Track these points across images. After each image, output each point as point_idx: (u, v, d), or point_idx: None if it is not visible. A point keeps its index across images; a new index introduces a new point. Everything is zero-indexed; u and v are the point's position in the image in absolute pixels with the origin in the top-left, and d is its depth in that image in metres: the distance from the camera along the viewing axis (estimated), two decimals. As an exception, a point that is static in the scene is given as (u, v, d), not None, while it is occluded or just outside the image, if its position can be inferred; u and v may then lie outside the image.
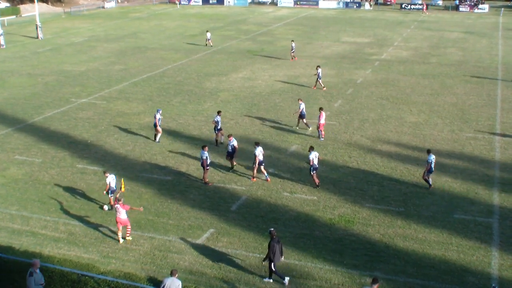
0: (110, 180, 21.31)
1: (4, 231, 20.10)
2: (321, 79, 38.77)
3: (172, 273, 14.65)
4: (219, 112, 28.31)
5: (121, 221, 18.98)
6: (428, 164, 22.76)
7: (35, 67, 47.24)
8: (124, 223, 19.09)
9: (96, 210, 21.60)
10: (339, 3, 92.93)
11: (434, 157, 22.88)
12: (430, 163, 22.69)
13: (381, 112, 33.71)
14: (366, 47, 55.71)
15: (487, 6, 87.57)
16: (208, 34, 56.56)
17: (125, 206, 19.08)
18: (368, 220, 20.69)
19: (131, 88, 39.95)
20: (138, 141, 28.98)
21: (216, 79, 42.25)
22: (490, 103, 35.58)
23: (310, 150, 23.34)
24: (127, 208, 19.11)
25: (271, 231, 16.80)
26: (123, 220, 18.98)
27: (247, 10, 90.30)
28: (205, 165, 23.39)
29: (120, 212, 18.86)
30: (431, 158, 22.74)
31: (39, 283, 14.57)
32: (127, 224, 19.21)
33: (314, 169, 23.26)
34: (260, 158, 23.66)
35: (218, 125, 27.79)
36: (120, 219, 18.92)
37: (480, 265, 17.88)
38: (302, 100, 30.72)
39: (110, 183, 21.30)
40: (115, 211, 19.08)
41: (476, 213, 21.27)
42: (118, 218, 18.95)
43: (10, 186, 23.83)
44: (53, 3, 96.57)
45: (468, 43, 58.18)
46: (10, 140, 29.46)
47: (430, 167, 22.73)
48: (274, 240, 16.60)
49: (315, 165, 23.19)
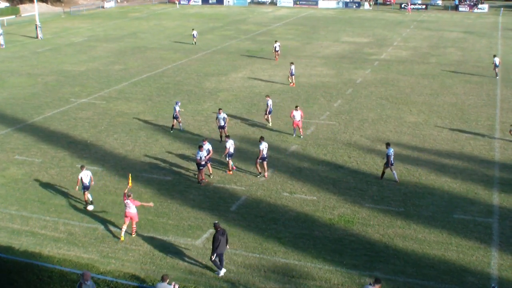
0: (82, 175, 21.32)
1: (4, 231, 20.10)
2: (294, 75, 39.62)
3: (163, 278, 14.31)
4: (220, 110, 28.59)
5: (131, 215, 19.10)
6: (388, 158, 23.44)
7: (35, 67, 47.23)
8: (134, 217, 19.19)
9: (96, 210, 21.59)
10: (338, 3, 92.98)
11: (393, 150, 23.66)
12: (389, 156, 23.37)
13: (381, 112, 33.72)
14: (365, 47, 55.74)
15: (486, 6, 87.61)
16: (195, 32, 57.77)
17: (135, 202, 19.24)
18: (368, 220, 20.70)
19: (130, 88, 39.95)
20: (138, 141, 28.98)
21: (215, 79, 42.25)
22: (489, 103, 35.60)
23: (261, 140, 24.18)
24: (138, 204, 19.27)
25: (215, 224, 17.23)
26: (132, 214, 19.11)
27: (246, 10, 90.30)
28: (200, 165, 23.54)
29: (130, 206, 19.00)
30: (390, 151, 23.41)
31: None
32: (135, 219, 19.30)
33: (229, 156, 24.44)
34: (264, 154, 23.94)
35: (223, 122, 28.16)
36: (130, 213, 19.06)
37: (479, 265, 17.88)
38: (269, 96, 31.21)
39: (82, 178, 21.29)
40: (125, 206, 19.18)
41: (476, 213, 21.28)
42: (128, 213, 19.07)
43: (10, 186, 23.82)
44: (52, 3, 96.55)
45: (467, 43, 58.21)
46: (10, 140, 29.46)
47: (389, 160, 23.40)
48: (219, 233, 16.97)
49: (230, 152, 24.34)
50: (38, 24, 62.41)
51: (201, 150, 23.36)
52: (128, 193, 19.39)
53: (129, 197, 19.15)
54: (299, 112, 28.69)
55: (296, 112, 28.66)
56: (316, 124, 31.59)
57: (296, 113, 28.66)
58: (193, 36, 57.52)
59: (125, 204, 19.21)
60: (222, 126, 28.02)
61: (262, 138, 24.42)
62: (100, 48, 56.00)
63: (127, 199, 19.11)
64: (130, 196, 19.21)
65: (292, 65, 39.58)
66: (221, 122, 27.89)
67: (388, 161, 23.55)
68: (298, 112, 28.68)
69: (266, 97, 31.19)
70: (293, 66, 39.44)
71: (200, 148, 23.43)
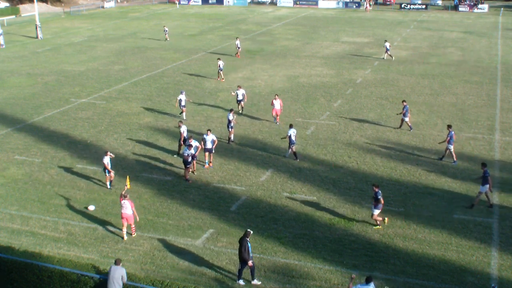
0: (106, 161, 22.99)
1: (4, 231, 20.11)
2: (222, 71, 41.26)
3: (116, 262, 14.88)
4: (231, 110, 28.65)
5: (127, 216, 19.11)
6: (287, 136, 25.81)
7: (35, 67, 47.22)
8: (129, 218, 19.19)
9: (96, 210, 21.60)
10: (338, 3, 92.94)
11: (294, 130, 25.94)
12: (289, 136, 25.68)
13: (381, 112, 33.72)
14: (365, 47, 55.73)
15: (486, 6, 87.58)
16: (166, 28, 60.03)
17: (131, 203, 19.28)
18: (368, 220, 20.70)
19: (130, 88, 39.94)
20: (138, 141, 28.98)
21: (215, 79, 42.23)
22: (489, 103, 35.60)
23: (207, 132, 25.17)
24: (133, 205, 19.30)
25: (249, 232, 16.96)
26: (128, 215, 19.12)
27: (246, 10, 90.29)
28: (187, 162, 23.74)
29: (126, 207, 18.99)
30: (290, 131, 25.67)
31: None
32: (132, 220, 19.30)
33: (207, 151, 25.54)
34: (293, 139, 25.88)
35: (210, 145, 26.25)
36: (126, 214, 19.07)
37: (479, 265, 17.89)
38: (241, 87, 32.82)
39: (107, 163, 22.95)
40: (121, 207, 19.17)
41: (476, 213, 21.27)
42: (124, 214, 19.09)
43: (10, 186, 23.82)
44: (52, 3, 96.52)
45: (467, 43, 58.20)
46: (10, 140, 29.45)
47: (290, 139, 25.74)
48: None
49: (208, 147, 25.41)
50: (38, 24, 62.39)
51: (189, 149, 23.73)
52: (125, 193, 19.40)
53: (125, 197, 19.14)
54: (278, 101, 31.05)
55: (276, 101, 30.99)
56: (316, 124, 31.60)
57: (276, 102, 30.99)
58: (165, 32, 59.55)
59: (121, 204, 19.20)
60: (210, 149, 25.46)
61: (291, 125, 26.35)
62: (100, 48, 55.99)
63: (124, 199, 19.13)
64: (127, 196, 19.20)
65: (219, 61, 41.34)
66: (208, 145, 25.32)
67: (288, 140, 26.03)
68: (278, 101, 31.04)
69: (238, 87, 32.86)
70: (220, 62, 41.20)
71: (188, 147, 23.74)
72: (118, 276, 14.60)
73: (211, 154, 25.63)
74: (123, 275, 14.66)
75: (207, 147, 25.27)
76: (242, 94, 32.21)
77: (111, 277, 14.59)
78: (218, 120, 32.02)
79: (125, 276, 14.71)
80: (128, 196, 19.32)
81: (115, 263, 14.88)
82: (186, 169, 24.00)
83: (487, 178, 21.14)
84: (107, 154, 23.19)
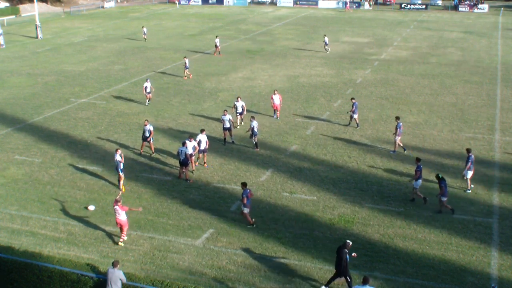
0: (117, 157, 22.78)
1: (4, 231, 20.11)
2: (188, 69, 42.37)
3: (113, 264, 14.82)
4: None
5: (121, 222, 18.94)
6: (250, 128, 26.87)
7: (35, 67, 47.22)
8: (124, 224, 19.02)
9: (96, 210, 21.59)
10: (338, 3, 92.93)
11: (256, 122, 26.97)
12: (252, 128, 26.72)
13: (381, 112, 33.72)
14: (365, 47, 55.73)
15: (486, 6, 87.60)
16: (145, 29, 60.41)
17: (124, 207, 18.98)
18: (368, 220, 20.70)
19: (130, 88, 39.94)
20: (138, 141, 28.96)
21: (215, 79, 42.25)
22: (489, 103, 35.60)
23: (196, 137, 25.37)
24: (126, 209, 19.02)
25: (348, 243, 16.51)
26: (122, 222, 18.94)
27: (246, 10, 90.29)
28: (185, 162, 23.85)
29: (119, 213, 18.82)
30: (253, 123, 26.69)
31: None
32: (125, 226, 19.09)
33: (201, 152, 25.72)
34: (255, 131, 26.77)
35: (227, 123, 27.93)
36: (120, 220, 18.89)
37: (479, 265, 17.89)
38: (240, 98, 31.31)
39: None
40: (115, 212, 19.03)
41: (476, 213, 21.28)
42: (118, 219, 18.92)
43: (10, 186, 23.82)
44: (52, 3, 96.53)
45: (467, 43, 58.21)
46: (10, 140, 29.45)
47: (253, 131, 26.79)
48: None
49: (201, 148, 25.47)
50: (38, 24, 62.40)
51: (185, 145, 23.81)
52: (118, 198, 19.07)
53: (118, 202, 18.81)
54: (277, 96, 32.03)
55: (275, 96, 31.99)
56: (316, 124, 31.60)
57: (275, 97, 31.97)
58: (143, 33, 59.96)
59: (114, 210, 18.94)
60: (203, 150, 25.48)
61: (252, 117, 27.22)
62: (100, 48, 55.99)
63: (116, 204, 18.81)
64: (119, 202, 18.87)
65: (186, 59, 42.65)
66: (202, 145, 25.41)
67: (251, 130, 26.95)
68: (277, 96, 32.04)
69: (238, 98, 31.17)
70: (187, 60, 42.54)
71: (183, 144, 23.87)
72: (116, 278, 14.55)
73: (205, 154, 25.61)
74: (122, 277, 14.61)
75: (200, 148, 25.23)
76: (241, 106, 30.60)
77: (109, 279, 14.57)
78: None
79: (124, 278, 14.66)
80: (121, 202, 18.96)
81: (113, 265, 14.81)
82: (186, 169, 23.94)
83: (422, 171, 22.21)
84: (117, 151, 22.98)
